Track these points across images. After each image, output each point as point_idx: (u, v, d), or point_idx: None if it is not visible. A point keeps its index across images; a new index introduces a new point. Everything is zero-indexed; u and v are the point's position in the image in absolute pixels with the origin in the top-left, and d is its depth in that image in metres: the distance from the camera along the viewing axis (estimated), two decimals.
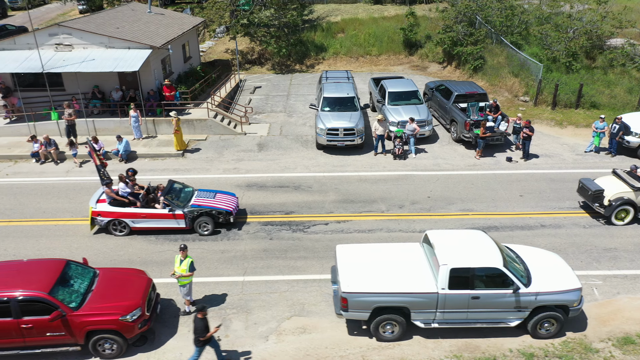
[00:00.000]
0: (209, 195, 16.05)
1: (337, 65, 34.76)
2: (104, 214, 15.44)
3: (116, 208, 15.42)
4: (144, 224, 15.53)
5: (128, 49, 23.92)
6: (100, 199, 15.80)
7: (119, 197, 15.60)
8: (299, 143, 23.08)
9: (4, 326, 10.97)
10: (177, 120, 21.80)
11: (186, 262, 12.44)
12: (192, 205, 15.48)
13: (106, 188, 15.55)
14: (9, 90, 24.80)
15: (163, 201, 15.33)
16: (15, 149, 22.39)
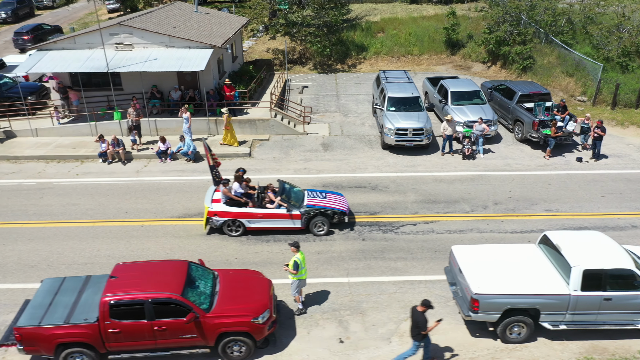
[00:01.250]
0: (320, 196, 15.95)
1: (379, 65, 34.66)
2: (221, 214, 15.32)
3: (232, 208, 15.31)
4: (260, 224, 15.43)
5: (189, 48, 23.81)
6: (214, 198, 15.67)
7: (236, 197, 15.44)
8: (363, 143, 22.98)
9: (137, 328, 10.87)
10: (228, 116, 21.75)
11: (292, 260, 12.43)
12: (307, 205, 15.37)
13: (223, 188, 15.44)
14: (66, 90, 24.68)
15: (279, 201, 15.22)
16: (80, 149, 22.27)
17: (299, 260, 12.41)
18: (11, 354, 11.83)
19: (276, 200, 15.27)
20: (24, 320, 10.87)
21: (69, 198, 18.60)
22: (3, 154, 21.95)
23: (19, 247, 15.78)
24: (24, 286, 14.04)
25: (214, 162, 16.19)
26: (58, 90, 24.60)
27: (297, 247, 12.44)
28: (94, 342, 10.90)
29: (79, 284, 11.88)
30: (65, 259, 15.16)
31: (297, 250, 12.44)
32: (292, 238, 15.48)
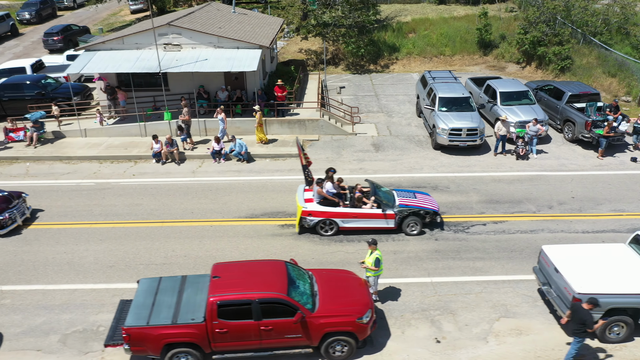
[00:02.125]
0: (410, 195, 15.96)
1: (412, 66, 34.70)
2: (315, 214, 15.32)
3: (327, 208, 15.31)
4: (353, 224, 15.42)
5: (237, 48, 23.82)
6: (306, 198, 15.66)
7: (331, 196, 15.43)
8: (413, 143, 22.98)
9: (244, 328, 10.87)
10: (260, 114, 21.87)
11: (372, 256, 12.51)
12: (400, 205, 15.37)
13: (317, 187, 15.44)
14: (114, 91, 24.69)
15: (373, 201, 15.22)
16: (133, 149, 22.27)
17: (380, 256, 12.52)
18: (109, 354, 11.84)
19: (370, 200, 15.27)
20: (131, 320, 10.86)
21: (131, 198, 18.59)
22: (56, 155, 21.95)
23: (92, 247, 15.78)
24: (107, 286, 14.05)
25: (306, 162, 16.20)
26: (105, 90, 24.60)
27: (375, 245, 12.52)
28: (200, 342, 10.90)
29: (176, 284, 11.88)
30: (142, 259, 15.15)
31: (375, 248, 12.52)
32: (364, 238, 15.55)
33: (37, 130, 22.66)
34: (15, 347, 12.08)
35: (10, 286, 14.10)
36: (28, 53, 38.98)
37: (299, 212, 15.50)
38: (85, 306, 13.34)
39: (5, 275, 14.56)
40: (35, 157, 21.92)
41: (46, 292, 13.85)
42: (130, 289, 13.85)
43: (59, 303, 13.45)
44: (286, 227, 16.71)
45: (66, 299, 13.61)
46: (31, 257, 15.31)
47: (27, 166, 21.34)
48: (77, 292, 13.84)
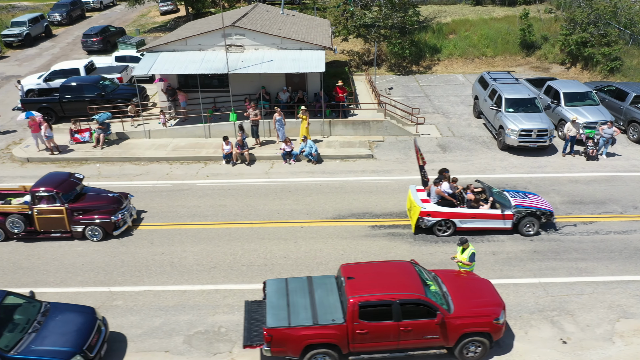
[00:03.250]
0: (522, 196, 15.98)
1: (454, 67, 34.73)
2: (434, 214, 15.33)
3: (446, 208, 15.33)
4: (471, 224, 15.45)
5: (300, 49, 23.83)
6: (422, 198, 15.67)
7: (449, 197, 15.45)
8: (479, 144, 23.00)
9: (384, 329, 10.88)
10: (306, 113, 21.92)
11: (467, 251, 12.84)
12: (517, 205, 15.39)
13: (436, 188, 15.46)
14: (175, 92, 24.70)
15: (492, 201, 15.25)
16: (201, 150, 22.27)
17: (475, 250, 12.91)
18: (238, 355, 11.85)
19: (489, 200, 15.30)
20: (272, 321, 10.86)
21: (212, 199, 18.60)
22: (125, 156, 21.95)
23: (188, 248, 15.78)
24: (215, 287, 14.05)
25: (423, 163, 16.25)
26: (166, 92, 24.61)
27: (467, 242, 12.88)
28: (340, 343, 10.90)
29: (304, 285, 11.89)
30: (242, 260, 15.15)
31: (468, 245, 12.87)
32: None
33: (104, 131, 22.65)
34: (141, 349, 12.07)
35: (119, 287, 14.10)
36: (66, 54, 38.99)
37: (416, 212, 15.49)
38: (199, 307, 13.33)
39: (110, 276, 14.56)
40: (104, 159, 21.91)
41: (156, 294, 13.84)
42: (239, 290, 13.90)
43: (172, 304, 13.44)
44: (377, 227, 16.72)
45: (178, 300, 13.61)
46: (130, 258, 15.30)
47: (98, 167, 21.34)
48: (187, 294, 13.83)
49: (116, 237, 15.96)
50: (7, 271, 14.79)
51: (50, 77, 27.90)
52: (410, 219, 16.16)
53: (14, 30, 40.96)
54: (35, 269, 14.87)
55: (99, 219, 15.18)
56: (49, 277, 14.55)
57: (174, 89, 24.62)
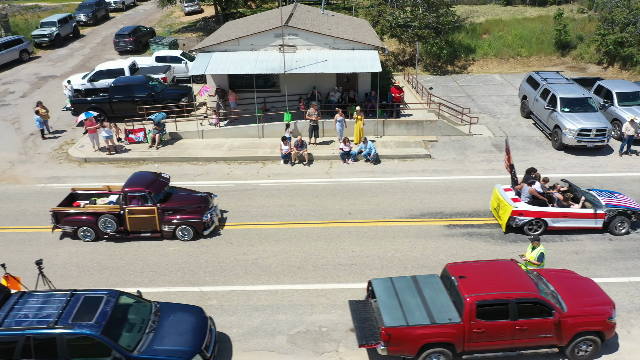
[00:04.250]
0: (610, 195, 16.01)
1: (489, 67, 34.77)
2: (526, 213, 15.34)
3: (538, 207, 15.33)
4: (562, 224, 15.46)
5: (352, 49, 23.85)
6: (513, 198, 15.68)
7: (542, 196, 15.47)
8: (533, 143, 23.03)
9: (500, 328, 10.89)
10: (361, 113, 21.93)
11: (537, 251, 12.95)
12: (608, 205, 15.41)
13: (529, 187, 15.47)
14: (225, 93, 24.71)
15: (584, 201, 15.28)
16: (257, 150, 22.29)
17: (544, 251, 13.04)
18: (346, 355, 11.86)
19: (581, 200, 15.32)
20: (389, 320, 10.87)
21: (280, 199, 18.60)
22: (182, 156, 21.95)
23: (269, 248, 15.79)
24: (306, 287, 14.06)
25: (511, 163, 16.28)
26: (216, 92, 24.60)
27: (539, 241, 13.03)
28: (456, 342, 10.92)
29: (410, 284, 11.90)
30: (326, 260, 15.16)
31: (539, 244, 13.00)
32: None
33: (159, 131, 22.65)
34: (247, 348, 12.08)
35: (210, 287, 14.10)
36: (98, 55, 39.01)
37: (506, 211, 15.50)
38: (294, 307, 13.33)
39: (197, 276, 14.56)
40: (161, 159, 21.92)
41: (248, 293, 13.85)
42: (330, 289, 13.92)
43: (267, 304, 13.45)
44: (452, 227, 16.73)
45: (271, 299, 13.61)
46: (212, 258, 15.30)
47: (157, 167, 21.32)
48: (278, 293, 13.84)
49: (206, 236, 15.99)
50: (94, 271, 14.79)
51: (95, 78, 27.89)
52: (498, 218, 16.18)
53: (45, 30, 40.98)
54: (121, 269, 14.87)
55: (190, 219, 15.18)
56: (136, 277, 14.55)
57: (223, 90, 24.61)
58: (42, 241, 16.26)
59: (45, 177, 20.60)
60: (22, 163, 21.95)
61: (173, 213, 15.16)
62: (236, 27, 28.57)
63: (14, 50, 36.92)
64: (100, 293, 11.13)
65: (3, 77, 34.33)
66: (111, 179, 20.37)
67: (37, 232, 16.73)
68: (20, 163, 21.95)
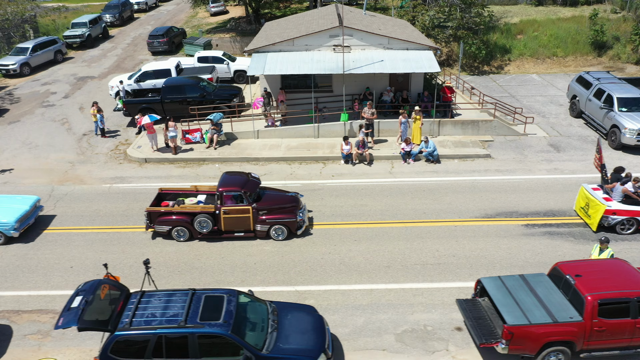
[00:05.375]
0: None
1: (526, 67, 34.82)
2: (620, 212, 15.40)
3: (632, 207, 15.37)
4: None
5: (406, 50, 23.88)
6: (604, 197, 15.71)
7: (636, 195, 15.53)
8: (589, 143, 23.08)
9: (620, 326, 10.93)
10: (420, 113, 21.97)
11: (606, 252, 13.12)
12: None
13: (622, 187, 15.50)
14: (270, 95, 24.67)
15: None
16: (316, 150, 22.32)
17: (614, 252, 13.38)
18: (459, 354, 11.89)
19: None
20: (511, 319, 10.90)
21: (351, 199, 18.64)
22: (241, 156, 21.99)
23: (353, 247, 15.81)
24: (400, 286, 14.09)
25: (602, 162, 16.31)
26: (266, 93, 24.61)
27: (607, 242, 13.15)
28: (576, 340, 10.95)
29: (520, 283, 11.94)
30: (413, 259, 15.20)
31: (607, 246, 13.16)
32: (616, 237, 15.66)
33: (217, 132, 22.68)
34: (357, 347, 12.11)
35: (304, 287, 14.13)
36: (131, 55, 39.03)
37: (597, 210, 15.54)
38: (394, 306, 13.37)
39: (288, 275, 14.59)
40: (221, 159, 21.95)
41: (344, 292, 13.88)
42: (426, 288, 13.96)
43: (365, 303, 13.48)
44: (531, 227, 16.77)
45: (369, 299, 13.64)
46: (299, 258, 15.32)
47: (218, 167, 21.36)
48: (374, 293, 13.87)
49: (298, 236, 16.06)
50: (183, 271, 14.81)
51: (141, 78, 27.90)
52: (586, 218, 16.22)
53: (76, 31, 40.99)
54: (210, 269, 14.89)
55: (285, 218, 15.20)
56: (227, 276, 14.57)
57: (269, 93, 24.61)
58: (123, 241, 16.28)
59: (109, 178, 20.61)
60: (82, 163, 21.95)
61: (267, 213, 15.18)
62: (280, 28, 28.60)
63: (49, 51, 36.92)
64: (219, 292, 11.15)
65: (41, 78, 34.33)
66: (175, 179, 20.41)
67: (117, 232, 16.76)
68: (80, 163, 21.96)
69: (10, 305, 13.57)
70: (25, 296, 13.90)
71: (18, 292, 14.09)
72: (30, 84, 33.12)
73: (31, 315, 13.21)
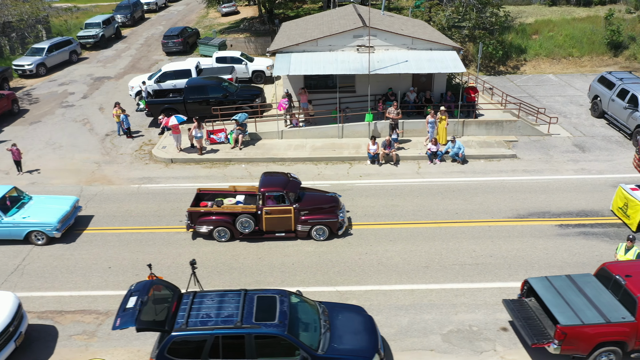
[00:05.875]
0: None
1: (542, 67, 34.83)
2: None
3: None
4: None
5: (430, 50, 23.88)
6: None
7: None
8: (613, 143, 23.09)
9: None
10: (445, 113, 22.04)
11: (632, 251, 13.44)
12: None
13: None
14: (291, 96, 24.65)
15: None
16: (342, 151, 22.33)
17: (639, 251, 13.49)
18: (508, 354, 11.89)
19: None
20: (564, 319, 10.90)
21: (381, 199, 18.65)
22: (267, 156, 22.00)
23: (389, 248, 15.82)
24: (442, 286, 14.09)
25: None
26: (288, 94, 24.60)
27: (633, 241, 13.44)
28: (628, 341, 10.96)
29: (568, 283, 11.96)
30: (450, 260, 15.21)
31: (632, 245, 13.47)
32: None
33: (242, 132, 22.69)
34: (404, 347, 12.12)
35: (345, 287, 14.14)
36: (145, 56, 39.04)
37: (638, 210, 15.55)
38: (437, 306, 13.38)
39: (328, 275, 14.60)
40: (247, 159, 21.95)
41: (386, 293, 13.90)
42: (467, 289, 13.98)
43: (408, 303, 13.49)
44: (565, 227, 16.78)
45: (410, 299, 13.65)
46: (336, 258, 15.33)
47: (244, 168, 21.37)
48: (415, 293, 13.88)
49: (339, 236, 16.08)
50: (222, 271, 14.82)
51: (161, 79, 27.90)
52: (625, 217, 16.28)
53: (90, 31, 40.99)
54: (248, 269, 14.90)
55: (326, 219, 15.22)
56: (267, 276, 14.58)
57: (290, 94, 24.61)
58: (158, 242, 16.29)
59: (136, 178, 20.62)
60: (107, 164, 21.96)
61: (308, 213, 15.18)
62: (299, 28, 28.63)
63: (65, 52, 36.93)
64: (270, 293, 11.15)
65: (57, 78, 34.34)
66: (203, 179, 20.42)
67: (151, 233, 16.76)
68: (106, 164, 21.96)
69: (53, 306, 13.57)
70: (67, 297, 13.90)
71: (59, 292, 14.09)
72: (47, 85, 33.12)
73: (74, 316, 13.21)
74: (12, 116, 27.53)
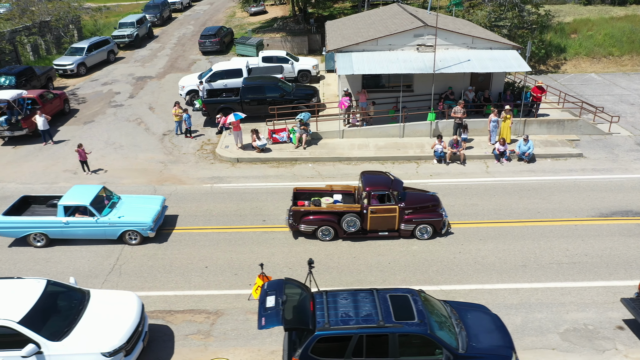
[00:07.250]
0: None
1: (582, 67, 34.84)
2: None
3: None
4: None
5: (490, 49, 23.88)
6: None
7: None
8: None
9: None
10: (510, 112, 21.96)
11: None
12: None
13: None
14: (350, 95, 24.63)
15: None
16: (407, 150, 22.32)
17: None
18: (632, 353, 11.87)
19: None
20: None
21: (458, 198, 18.63)
22: (333, 156, 21.98)
23: (481, 247, 15.80)
24: (545, 285, 14.09)
25: None
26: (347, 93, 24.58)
27: None
28: None
29: None
30: (546, 259, 15.19)
31: None
32: None
33: (306, 131, 22.66)
34: (525, 346, 12.09)
35: (448, 286, 14.12)
36: (182, 55, 39.03)
37: None
38: (546, 305, 13.35)
39: (427, 275, 14.57)
40: (313, 158, 21.93)
41: (491, 292, 13.87)
42: (573, 287, 13.97)
43: (515, 302, 13.47)
44: None
45: (517, 298, 13.62)
46: (430, 257, 15.30)
47: (311, 167, 21.35)
48: (521, 292, 13.86)
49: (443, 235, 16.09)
50: (320, 270, 14.73)
51: (212, 78, 27.87)
52: None
53: (125, 31, 40.98)
54: (347, 268, 14.87)
55: (431, 217, 15.19)
56: (367, 275, 14.56)
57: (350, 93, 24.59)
58: (248, 241, 16.25)
59: (206, 178, 20.59)
60: (173, 163, 21.93)
61: (412, 212, 15.15)
62: (349, 28, 28.64)
63: (103, 51, 36.92)
64: (400, 292, 11.12)
65: (98, 78, 34.31)
66: (272, 179, 20.40)
67: (238, 232, 16.73)
68: (172, 163, 21.93)
69: (161, 306, 13.53)
70: (172, 296, 13.88)
71: (163, 292, 14.06)
72: (90, 84, 33.09)
73: (185, 316, 13.18)
74: (64, 116, 27.51)
